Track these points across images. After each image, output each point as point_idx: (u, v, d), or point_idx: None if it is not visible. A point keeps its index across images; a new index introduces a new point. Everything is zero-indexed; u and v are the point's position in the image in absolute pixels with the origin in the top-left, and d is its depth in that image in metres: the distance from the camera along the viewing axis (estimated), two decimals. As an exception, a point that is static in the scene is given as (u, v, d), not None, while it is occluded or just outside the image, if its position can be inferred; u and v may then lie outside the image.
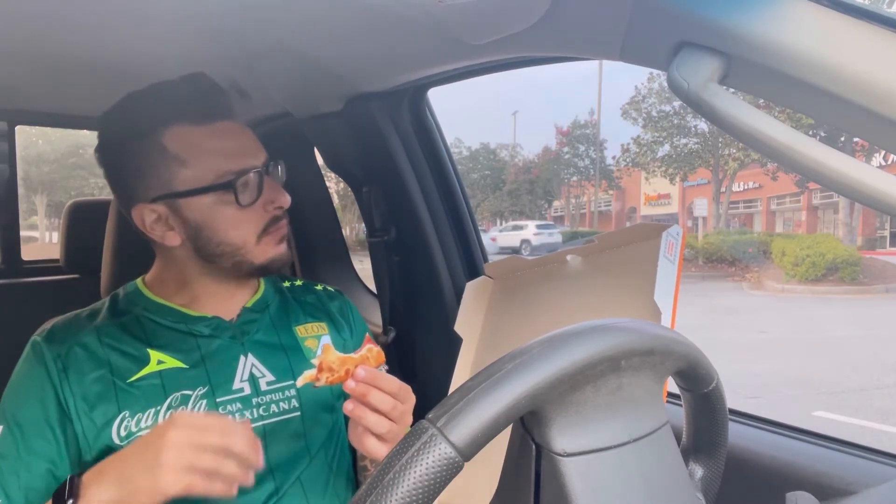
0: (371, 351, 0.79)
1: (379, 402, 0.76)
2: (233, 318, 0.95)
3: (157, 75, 0.94)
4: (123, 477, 0.70)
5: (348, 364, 0.75)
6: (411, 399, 0.82)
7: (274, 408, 0.92)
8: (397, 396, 0.78)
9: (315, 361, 0.75)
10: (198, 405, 0.87)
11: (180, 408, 0.86)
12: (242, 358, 0.92)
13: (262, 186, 0.88)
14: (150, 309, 0.92)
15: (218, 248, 0.89)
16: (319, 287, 1.11)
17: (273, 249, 0.92)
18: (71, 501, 0.71)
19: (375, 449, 0.79)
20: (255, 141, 0.92)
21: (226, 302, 0.95)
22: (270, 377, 0.93)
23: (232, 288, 0.96)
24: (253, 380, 0.91)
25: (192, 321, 0.92)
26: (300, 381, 0.75)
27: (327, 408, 0.97)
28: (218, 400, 0.88)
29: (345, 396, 1.03)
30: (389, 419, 0.77)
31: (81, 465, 0.82)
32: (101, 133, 0.92)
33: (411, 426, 0.55)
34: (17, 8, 0.88)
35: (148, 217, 0.88)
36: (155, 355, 0.88)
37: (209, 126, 0.87)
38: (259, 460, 0.72)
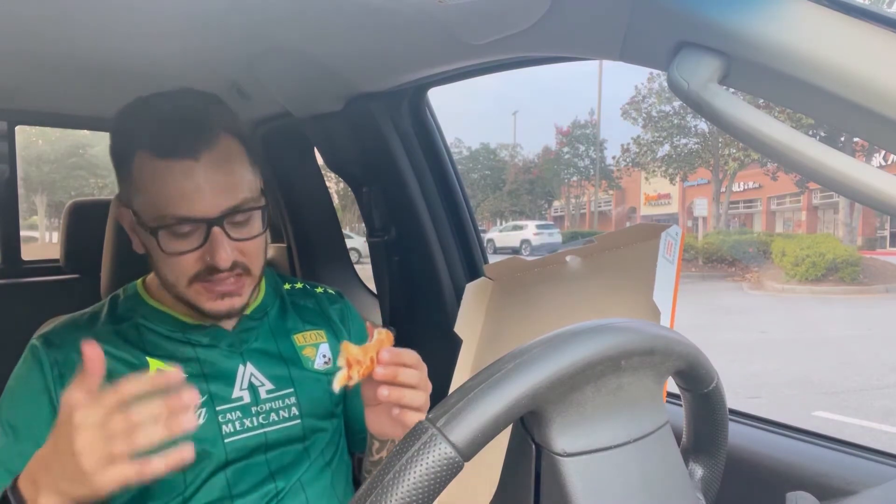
0: (382, 333, 0.79)
1: (408, 378, 0.77)
2: (231, 326, 0.94)
3: (157, 75, 0.94)
4: (60, 489, 0.65)
5: (370, 352, 0.76)
6: (424, 366, 0.83)
7: (274, 416, 0.91)
8: (417, 366, 0.80)
9: (340, 363, 0.74)
10: (197, 413, 0.86)
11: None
12: (241, 367, 0.92)
13: (204, 238, 0.81)
14: (149, 317, 0.91)
15: (159, 276, 0.88)
16: (320, 290, 1.10)
17: (207, 302, 0.85)
18: None
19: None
20: (227, 184, 0.82)
21: None
22: (270, 385, 0.92)
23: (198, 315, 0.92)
24: (252, 388, 0.91)
25: (190, 330, 0.91)
26: (336, 386, 0.74)
27: (327, 414, 0.97)
28: (218, 409, 0.88)
29: (347, 399, 1.04)
30: (419, 389, 0.79)
31: None
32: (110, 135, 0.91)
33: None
34: (18, 8, 0.88)
35: (125, 220, 0.89)
36: (154, 363, 0.87)
37: (168, 162, 0.80)
38: (189, 398, 0.63)
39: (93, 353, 0.64)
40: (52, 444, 0.66)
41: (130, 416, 0.62)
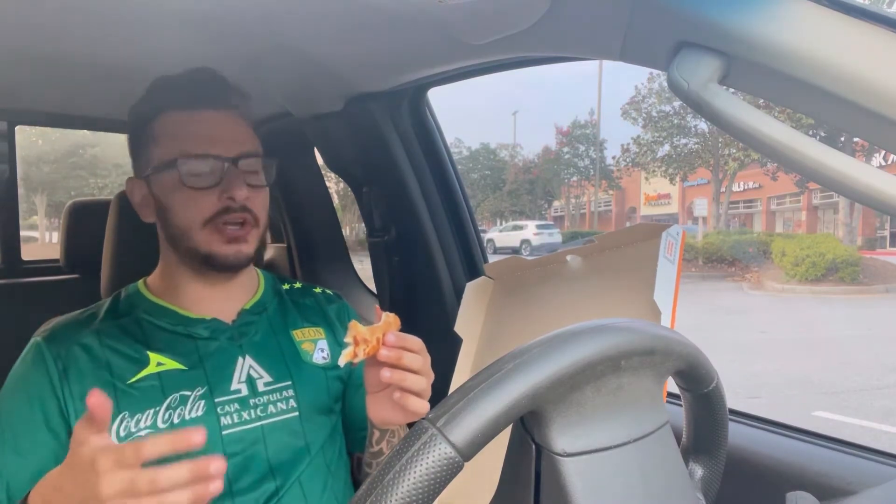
0: (389, 317, 0.80)
1: (411, 362, 0.79)
2: (231, 320, 0.96)
3: (157, 75, 0.94)
4: None
5: (377, 333, 0.77)
6: (428, 355, 0.84)
7: (272, 408, 0.92)
8: (422, 353, 0.81)
9: (348, 339, 0.75)
10: (196, 405, 0.87)
11: (178, 409, 0.86)
12: (240, 359, 0.93)
13: (222, 175, 0.89)
14: (150, 311, 0.93)
15: (171, 229, 0.91)
16: (318, 290, 1.11)
17: (218, 245, 0.90)
18: None
19: (419, 406, 0.80)
20: (240, 135, 0.92)
21: (224, 304, 0.96)
22: (268, 378, 0.93)
23: (206, 283, 0.95)
24: (250, 381, 0.92)
25: (191, 323, 0.93)
26: (342, 361, 0.75)
27: (325, 410, 0.98)
28: (216, 400, 0.89)
29: (347, 397, 1.04)
30: (422, 375, 0.80)
31: None
32: (128, 122, 0.99)
33: (411, 427, 0.54)
34: (18, 8, 0.88)
35: (137, 194, 0.95)
36: (154, 357, 0.89)
37: (192, 113, 0.90)
38: (216, 468, 0.61)
39: (99, 401, 0.62)
40: (68, 472, 0.65)
41: (158, 481, 0.60)
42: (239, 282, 0.98)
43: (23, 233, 1.86)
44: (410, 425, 0.66)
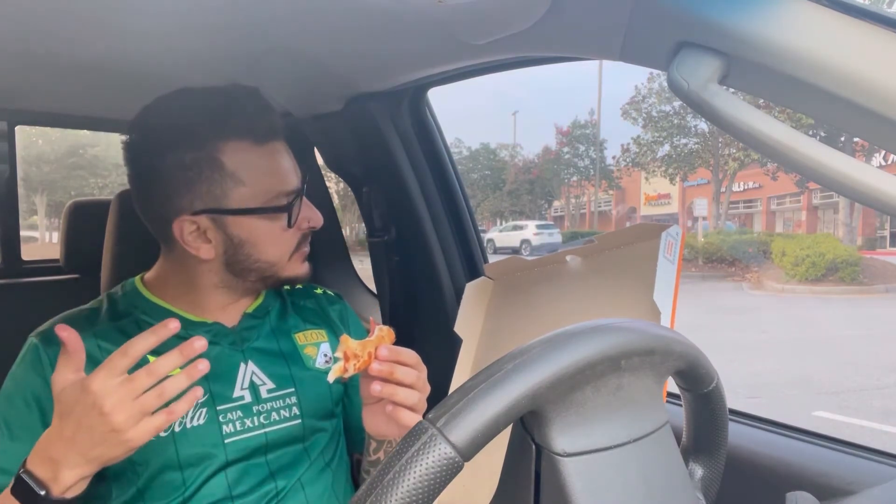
0: (383, 330, 0.80)
1: (404, 376, 0.78)
2: (233, 324, 0.94)
3: (157, 75, 0.95)
4: (90, 456, 0.68)
5: (369, 347, 0.77)
6: (425, 368, 0.84)
7: (275, 415, 0.91)
8: (416, 367, 0.81)
9: (338, 354, 0.75)
10: (198, 413, 0.86)
11: None
12: (243, 365, 0.91)
13: (301, 206, 0.91)
14: (150, 312, 0.91)
15: (254, 264, 0.90)
16: (319, 291, 1.10)
17: (300, 267, 0.94)
18: (44, 492, 0.68)
19: (411, 420, 0.80)
20: (295, 161, 0.93)
21: (228, 308, 0.94)
22: (271, 385, 0.92)
23: (237, 296, 0.95)
24: (253, 387, 0.91)
25: (193, 327, 0.90)
26: (331, 377, 0.75)
27: (327, 414, 0.97)
28: (218, 408, 0.87)
29: (348, 399, 1.04)
30: (415, 389, 0.80)
31: None
32: (139, 135, 0.88)
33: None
34: (18, 8, 0.88)
35: (187, 228, 0.86)
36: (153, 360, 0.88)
37: (266, 146, 0.87)
38: (200, 343, 0.69)
39: (68, 334, 0.69)
40: (67, 421, 0.68)
41: (155, 370, 0.68)
42: (254, 290, 0.97)
43: (23, 233, 1.86)
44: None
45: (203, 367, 0.68)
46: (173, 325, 0.69)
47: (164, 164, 0.84)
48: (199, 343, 0.69)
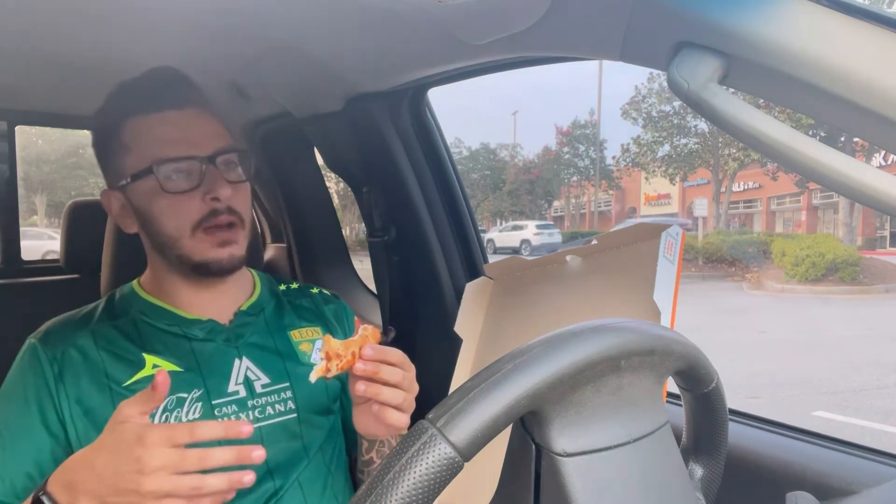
0: (367, 330, 0.79)
1: (390, 375, 0.77)
2: (228, 321, 0.95)
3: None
4: (102, 499, 0.65)
5: (352, 347, 0.76)
6: (412, 367, 0.83)
7: (270, 410, 0.92)
8: (403, 366, 0.79)
9: (321, 354, 0.75)
10: (193, 408, 0.87)
11: (175, 411, 0.86)
12: (237, 361, 0.92)
13: (201, 176, 0.87)
14: (146, 311, 0.93)
15: (158, 238, 0.90)
16: (315, 290, 1.11)
17: (210, 250, 0.88)
18: None
19: (398, 419, 0.79)
20: (211, 131, 0.90)
21: (220, 304, 0.95)
22: (266, 379, 0.93)
23: (191, 284, 0.94)
24: (248, 382, 0.92)
25: (187, 324, 0.92)
26: (313, 377, 0.74)
27: (323, 410, 0.97)
28: (213, 402, 0.88)
29: (346, 398, 1.04)
30: (401, 389, 0.79)
31: None
32: (92, 131, 0.97)
33: (410, 427, 0.54)
34: (18, 8, 0.88)
35: (114, 205, 0.94)
36: (150, 359, 0.88)
37: (158, 115, 0.88)
38: (257, 456, 0.66)
39: (163, 379, 0.65)
40: (104, 449, 0.66)
41: (206, 461, 0.64)
42: (233, 283, 0.97)
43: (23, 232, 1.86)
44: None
45: (248, 479, 0.65)
46: (246, 429, 0.66)
47: (95, 152, 0.95)
48: (247, 429, 0.66)
